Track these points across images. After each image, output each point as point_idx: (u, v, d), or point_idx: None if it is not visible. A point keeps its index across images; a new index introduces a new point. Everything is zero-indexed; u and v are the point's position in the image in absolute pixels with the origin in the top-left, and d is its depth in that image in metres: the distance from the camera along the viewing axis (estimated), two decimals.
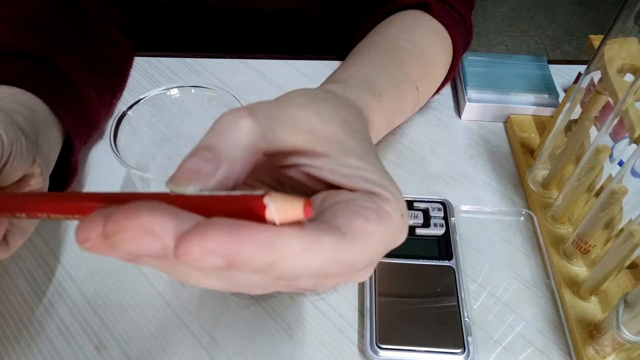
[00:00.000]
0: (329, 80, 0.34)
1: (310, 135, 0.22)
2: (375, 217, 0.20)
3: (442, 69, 0.45)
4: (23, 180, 0.32)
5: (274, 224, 0.17)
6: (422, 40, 0.42)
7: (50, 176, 0.40)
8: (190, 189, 0.19)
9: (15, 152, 0.29)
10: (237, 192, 0.17)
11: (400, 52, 0.39)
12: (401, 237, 0.22)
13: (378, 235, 0.19)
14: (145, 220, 0.16)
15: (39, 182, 0.33)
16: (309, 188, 0.24)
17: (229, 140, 0.21)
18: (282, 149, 0.22)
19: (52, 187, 0.41)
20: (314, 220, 0.20)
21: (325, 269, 0.18)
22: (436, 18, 0.45)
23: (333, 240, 0.18)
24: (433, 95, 0.48)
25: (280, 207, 0.17)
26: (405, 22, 0.44)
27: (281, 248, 0.16)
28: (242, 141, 0.21)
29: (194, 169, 0.19)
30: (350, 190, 0.22)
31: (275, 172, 0.24)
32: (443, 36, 0.45)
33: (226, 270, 0.16)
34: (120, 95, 0.53)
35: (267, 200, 0.16)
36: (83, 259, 0.41)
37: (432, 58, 0.43)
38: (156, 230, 0.16)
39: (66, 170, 0.41)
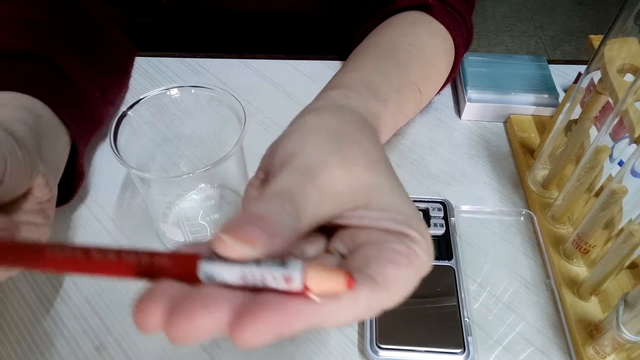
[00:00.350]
0: (331, 85, 0.34)
1: (339, 200, 0.22)
2: (405, 262, 0.20)
3: (443, 70, 0.45)
4: (29, 192, 0.31)
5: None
6: (423, 41, 0.42)
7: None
8: (248, 251, 0.18)
9: (10, 166, 0.27)
10: (280, 271, 0.18)
11: (400, 54, 0.39)
12: (426, 272, 0.22)
13: (408, 280, 0.20)
14: (206, 319, 0.17)
15: (45, 193, 0.32)
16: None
17: (278, 220, 0.20)
18: (316, 224, 0.22)
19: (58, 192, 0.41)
20: (347, 260, 0.21)
21: (358, 318, 0.19)
22: (437, 19, 0.45)
23: (367, 293, 0.19)
24: (434, 96, 0.48)
25: (321, 284, 0.18)
26: (406, 23, 0.44)
27: (324, 315, 0.18)
28: (289, 222, 0.20)
29: (253, 237, 0.18)
30: (383, 230, 0.22)
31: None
32: (444, 37, 0.45)
33: None
34: (124, 94, 0.53)
35: (309, 283, 0.18)
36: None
37: (433, 59, 0.43)
38: (215, 326, 0.17)
39: (71, 174, 0.41)
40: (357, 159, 0.23)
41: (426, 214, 0.43)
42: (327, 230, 0.24)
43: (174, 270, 0.19)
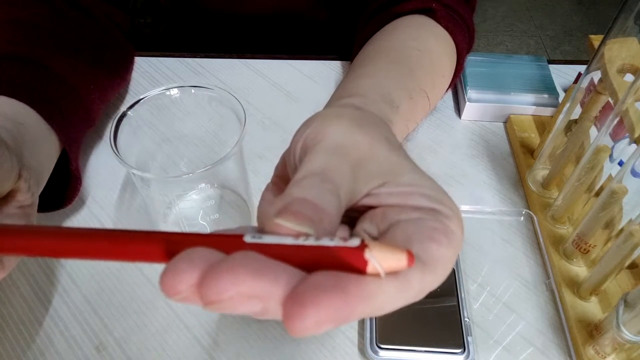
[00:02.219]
0: (346, 91, 0.33)
1: (369, 177, 0.22)
2: (446, 241, 0.20)
3: (448, 75, 0.45)
4: (10, 196, 0.30)
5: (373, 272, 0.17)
6: (430, 47, 0.42)
7: (54, 185, 0.40)
8: (305, 228, 0.18)
9: None
10: (335, 242, 0.17)
11: (410, 60, 0.39)
12: (461, 249, 0.21)
13: (449, 259, 0.20)
14: (251, 287, 0.15)
15: (27, 199, 0.31)
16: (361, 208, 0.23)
17: (321, 201, 0.20)
18: (356, 201, 0.22)
19: (56, 196, 0.41)
20: (385, 239, 0.20)
21: (413, 299, 0.18)
22: (440, 24, 0.44)
23: (418, 276, 0.18)
24: (438, 101, 0.48)
25: (383, 260, 0.17)
26: (412, 27, 0.44)
27: (381, 300, 0.16)
28: (332, 202, 0.20)
29: (305, 215, 0.18)
30: (415, 208, 0.21)
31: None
32: (448, 42, 0.45)
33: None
34: (122, 92, 0.53)
35: (368, 255, 0.16)
36: (83, 260, 0.41)
37: (440, 65, 0.43)
38: (263, 296, 0.15)
39: (68, 178, 0.40)
40: (381, 140, 0.23)
41: None
42: (348, 218, 0.23)
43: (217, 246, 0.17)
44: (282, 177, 0.26)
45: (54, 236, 0.18)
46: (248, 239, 0.17)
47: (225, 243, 0.17)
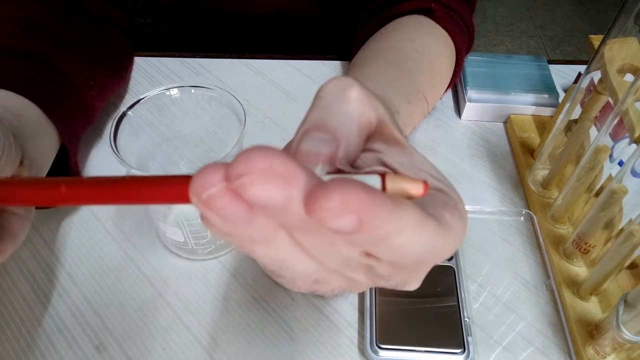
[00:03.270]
0: None
1: (390, 116, 0.21)
2: (457, 214, 0.19)
3: (447, 76, 0.45)
4: None
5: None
6: (429, 48, 0.42)
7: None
8: (318, 171, 0.17)
9: (3, 147, 0.27)
10: (358, 173, 0.17)
11: (409, 61, 0.39)
12: (464, 236, 0.20)
13: (459, 232, 0.19)
14: (282, 165, 0.14)
15: None
16: None
17: (341, 115, 0.19)
18: (381, 122, 0.21)
19: None
20: None
21: (422, 253, 0.17)
22: (440, 24, 0.44)
23: (435, 226, 0.17)
24: (437, 102, 0.48)
25: (399, 183, 0.17)
26: (411, 28, 0.44)
27: (403, 218, 0.15)
28: (355, 114, 0.19)
29: (315, 153, 0.18)
30: None
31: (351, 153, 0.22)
32: (447, 43, 0.45)
33: (347, 236, 0.15)
34: (121, 91, 0.53)
35: (389, 180, 0.16)
36: (83, 259, 0.41)
37: (439, 67, 0.43)
38: (290, 176, 0.14)
39: (67, 173, 0.41)
40: (388, 116, 0.22)
41: None
42: None
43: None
44: None
45: (90, 184, 0.18)
46: None
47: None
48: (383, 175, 0.17)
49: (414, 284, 0.21)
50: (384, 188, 0.17)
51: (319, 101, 0.20)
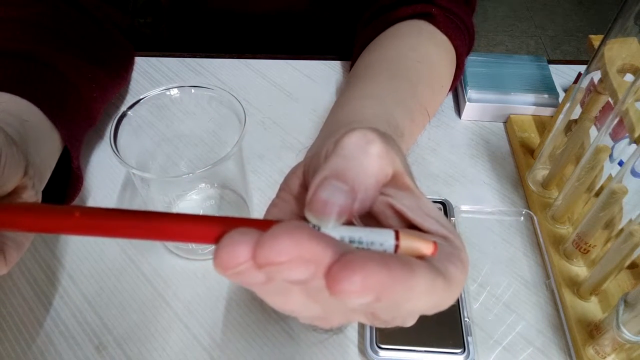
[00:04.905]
0: (350, 116, 0.33)
1: (405, 165, 0.22)
2: (461, 266, 0.20)
3: (447, 83, 0.45)
4: (15, 192, 0.30)
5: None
6: (430, 57, 0.42)
7: (55, 185, 0.40)
8: (332, 224, 0.19)
9: (5, 157, 0.26)
10: (372, 229, 0.18)
11: (410, 73, 0.39)
12: (460, 291, 0.22)
13: (462, 283, 0.20)
14: (309, 249, 0.15)
15: (31, 196, 0.30)
16: (381, 222, 0.23)
17: (361, 168, 0.20)
18: (396, 173, 0.22)
19: (57, 196, 0.40)
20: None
21: (429, 309, 0.18)
22: (440, 29, 0.44)
23: (443, 285, 0.18)
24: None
25: (412, 245, 0.18)
26: (412, 36, 0.44)
27: (416, 288, 0.17)
28: (374, 170, 0.20)
29: (332, 202, 0.19)
30: (427, 232, 0.21)
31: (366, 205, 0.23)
32: (447, 49, 0.44)
33: (369, 305, 0.16)
34: (122, 92, 0.53)
35: (402, 236, 0.18)
36: (83, 259, 0.41)
37: (439, 76, 0.43)
38: (315, 260, 0.16)
39: (68, 177, 0.40)
40: (406, 164, 0.23)
41: None
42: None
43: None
44: (289, 190, 0.25)
45: (115, 217, 0.18)
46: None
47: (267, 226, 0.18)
48: (397, 234, 0.18)
49: (410, 323, 0.22)
50: (397, 245, 0.18)
51: (340, 151, 0.20)
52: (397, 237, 0.18)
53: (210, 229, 0.18)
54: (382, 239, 0.18)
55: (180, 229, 0.18)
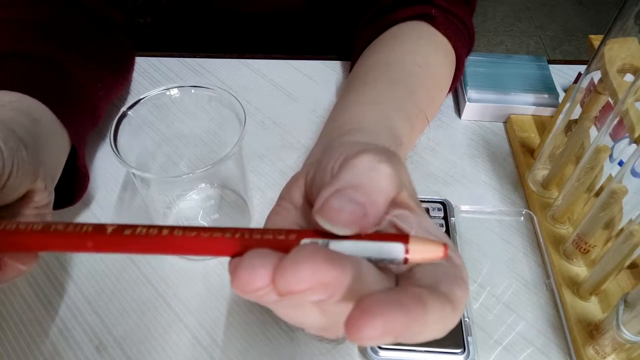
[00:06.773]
0: (350, 123, 0.33)
1: (409, 184, 0.23)
2: (464, 286, 0.20)
3: (446, 86, 0.45)
4: (27, 196, 0.30)
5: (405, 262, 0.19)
6: (430, 60, 0.42)
7: (60, 183, 0.40)
8: (345, 231, 0.19)
9: (17, 164, 0.27)
10: (382, 244, 0.19)
11: (410, 78, 0.39)
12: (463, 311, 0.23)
13: (465, 302, 0.20)
14: (328, 275, 0.16)
15: (44, 198, 0.30)
16: None
17: (371, 185, 0.20)
18: (400, 192, 0.22)
19: (60, 195, 0.40)
20: (411, 276, 0.21)
21: (438, 335, 0.19)
22: (440, 31, 0.44)
23: (450, 310, 0.19)
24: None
25: (423, 249, 0.19)
26: (412, 39, 0.43)
27: (429, 322, 0.17)
28: (383, 188, 0.21)
29: (343, 211, 0.19)
30: None
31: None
32: (447, 51, 0.44)
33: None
34: (123, 92, 0.53)
35: (411, 244, 0.19)
36: (83, 260, 0.41)
37: (439, 79, 0.43)
38: (333, 285, 0.16)
39: (74, 176, 0.40)
40: (406, 186, 0.23)
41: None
42: None
43: (274, 247, 0.19)
44: (290, 199, 0.25)
45: (130, 237, 0.19)
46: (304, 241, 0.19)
47: (285, 244, 0.19)
48: (406, 239, 0.19)
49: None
50: (407, 251, 0.19)
51: (351, 168, 0.21)
52: (406, 244, 0.19)
53: (227, 244, 0.19)
54: (392, 254, 0.19)
55: (195, 245, 0.19)
